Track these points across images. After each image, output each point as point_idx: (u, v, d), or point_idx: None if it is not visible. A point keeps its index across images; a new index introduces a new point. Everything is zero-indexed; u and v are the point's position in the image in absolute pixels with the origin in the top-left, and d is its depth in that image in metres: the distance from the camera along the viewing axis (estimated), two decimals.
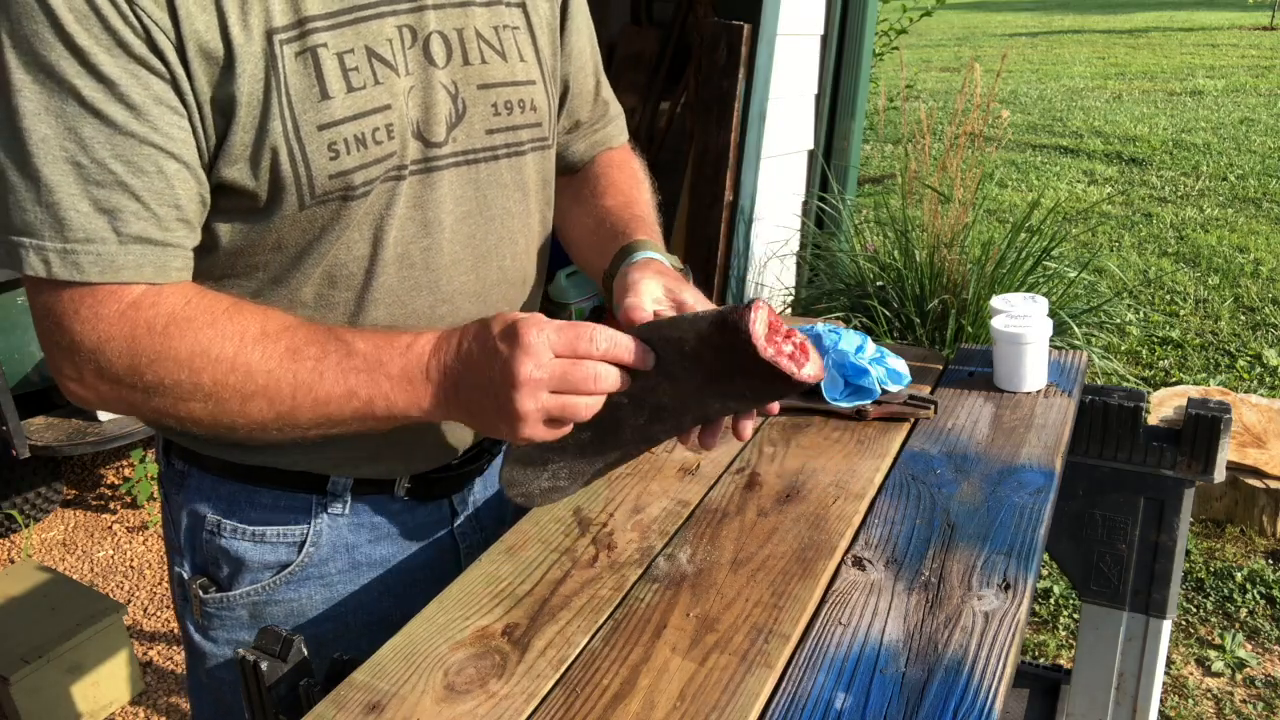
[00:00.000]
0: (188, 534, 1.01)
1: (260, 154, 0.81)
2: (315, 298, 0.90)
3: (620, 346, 0.80)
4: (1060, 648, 2.51)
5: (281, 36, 0.80)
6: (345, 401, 0.82)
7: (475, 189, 0.95)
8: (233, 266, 0.89)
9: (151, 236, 0.79)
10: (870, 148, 8.09)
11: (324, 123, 0.82)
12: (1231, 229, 5.90)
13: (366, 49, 0.85)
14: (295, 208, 0.84)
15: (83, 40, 0.74)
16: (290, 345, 0.81)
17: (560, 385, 0.78)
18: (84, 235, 0.77)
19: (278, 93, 0.80)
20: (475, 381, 0.80)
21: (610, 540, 0.96)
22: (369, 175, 0.85)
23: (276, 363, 0.81)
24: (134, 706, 2.40)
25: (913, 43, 13.03)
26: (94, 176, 0.76)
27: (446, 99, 0.90)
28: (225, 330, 0.81)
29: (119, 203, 0.77)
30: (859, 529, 0.97)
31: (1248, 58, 12.52)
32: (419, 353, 0.82)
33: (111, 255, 0.78)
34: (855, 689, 0.76)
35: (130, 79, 0.76)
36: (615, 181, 1.13)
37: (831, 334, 1.19)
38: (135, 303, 0.80)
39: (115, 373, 0.80)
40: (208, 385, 0.80)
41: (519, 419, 0.78)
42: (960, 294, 3.32)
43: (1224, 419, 1.25)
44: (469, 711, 0.74)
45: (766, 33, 3.55)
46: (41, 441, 2.71)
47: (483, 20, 0.94)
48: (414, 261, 0.92)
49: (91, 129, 0.75)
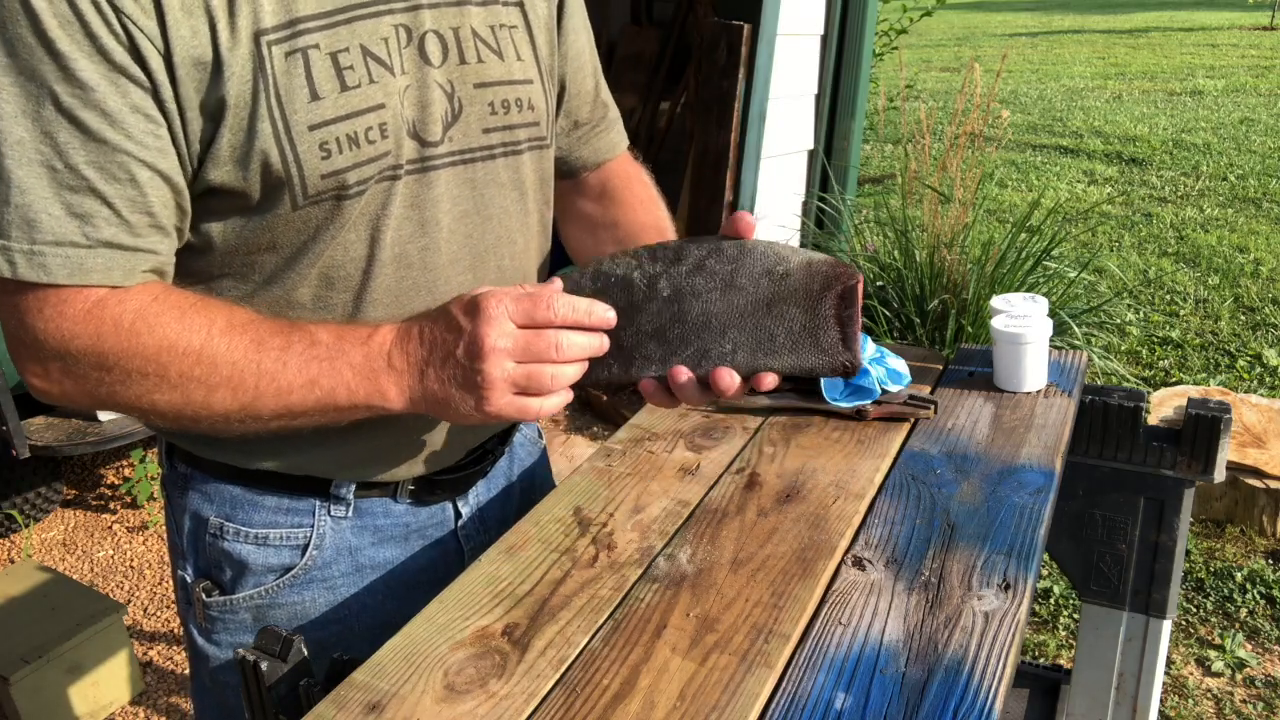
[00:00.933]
0: (190, 537, 1.01)
1: (250, 155, 0.81)
2: (313, 299, 0.90)
3: (579, 310, 0.82)
4: (1060, 648, 2.51)
5: (270, 38, 0.80)
6: (307, 391, 0.82)
7: (472, 188, 0.95)
8: (228, 266, 0.88)
9: (122, 242, 0.80)
10: (870, 148, 8.09)
11: (315, 123, 0.82)
12: (1231, 229, 5.90)
13: (362, 48, 0.84)
14: (289, 208, 0.84)
15: (63, 45, 0.74)
16: (255, 337, 0.83)
17: (524, 355, 0.80)
18: (54, 238, 0.77)
19: (266, 94, 0.80)
20: (441, 359, 0.81)
21: (610, 540, 0.96)
22: (363, 175, 0.85)
23: (241, 354, 0.82)
24: (134, 706, 2.40)
25: (913, 43, 13.03)
26: (67, 181, 0.77)
27: (442, 98, 0.90)
28: (192, 323, 0.82)
29: (91, 208, 0.78)
30: (859, 529, 0.97)
31: (1248, 58, 12.53)
32: (380, 342, 0.83)
33: (80, 259, 0.78)
34: (855, 689, 0.76)
35: (108, 86, 0.76)
36: (637, 201, 1.15)
37: None
38: (101, 300, 0.80)
39: (81, 369, 0.81)
40: (174, 377, 0.81)
41: (488, 387, 0.80)
42: (960, 294, 3.33)
43: (1224, 419, 1.25)
44: (469, 711, 0.74)
45: (766, 33, 3.55)
46: (41, 441, 2.71)
47: (479, 19, 0.93)
48: (411, 262, 0.92)
49: (66, 134, 0.76)
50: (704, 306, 0.85)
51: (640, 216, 1.14)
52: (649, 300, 0.86)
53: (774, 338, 0.84)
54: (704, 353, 0.85)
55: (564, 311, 0.81)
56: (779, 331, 0.84)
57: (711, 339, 0.85)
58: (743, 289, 0.85)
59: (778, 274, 0.85)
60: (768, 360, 0.84)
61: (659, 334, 0.86)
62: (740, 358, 0.84)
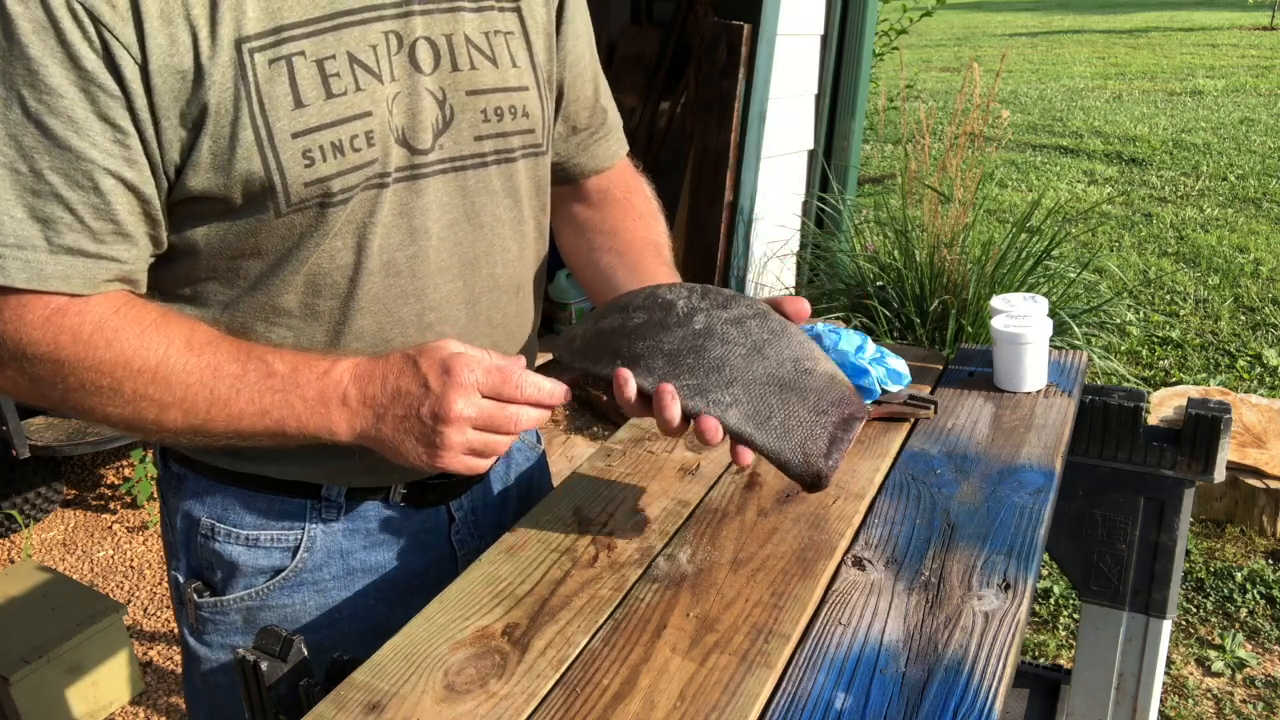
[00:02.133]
0: (183, 537, 1.01)
1: (232, 163, 0.81)
2: (300, 305, 0.89)
3: (543, 392, 0.86)
4: (1060, 648, 2.51)
5: (253, 45, 0.80)
6: (258, 419, 0.84)
7: (463, 196, 0.94)
8: (212, 271, 0.88)
9: (84, 248, 0.79)
10: (870, 148, 8.09)
11: (298, 130, 0.82)
12: (1231, 229, 5.90)
13: (349, 55, 0.84)
14: (272, 215, 0.84)
15: (35, 50, 0.74)
16: (212, 361, 0.83)
17: (485, 425, 0.84)
18: (15, 241, 0.77)
19: (248, 102, 0.80)
20: (403, 412, 0.83)
21: (610, 540, 0.96)
22: (347, 183, 0.85)
23: (196, 377, 0.83)
24: (134, 706, 2.40)
25: (913, 43, 13.03)
26: (30, 185, 0.76)
27: (433, 105, 0.90)
28: (150, 341, 0.82)
29: (53, 213, 0.78)
30: (859, 529, 0.97)
31: (1248, 58, 12.52)
32: (336, 379, 0.84)
33: (41, 264, 0.78)
34: (855, 689, 0.76)
35: (77, 94, 0.76)
36: (636, 214, 1.16)
37: (831, 334, 1.19)
38: (61, 309, 0.80)
39: (36, 374, 0.81)
40: (127, 393, 0.82)
41: (444, 448, 0.83)
42: (960, 294, 3.33)
43: (1224, 419, 1.25)
44: (469, 711, 0.74)
45: (766, 33, 3.55)
46: (41, 441, 2.71)
47: (473, 26, 0.93)
48: (400, 270, 0.91)
49: (32, 139, 0.76)
50: (725, 353, 0.87)
51: (640, 232, 1.13)
52: (680, 325, 0.88)
53: (770, 416, 0.86)
54: (702, 391, 0.86)
55: (529, 391, 0.85)
56: (777, 413, 0.86)
57: (715, 383, 0.86)
58: (767, 359, 0.87)
59: (804, 367, 0.88)
60: (754, 431, 0.85)
61: (673, 355, 0.87)
62: (732, 415, 0.85)
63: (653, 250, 1.11)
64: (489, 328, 1.00)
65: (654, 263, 1.09)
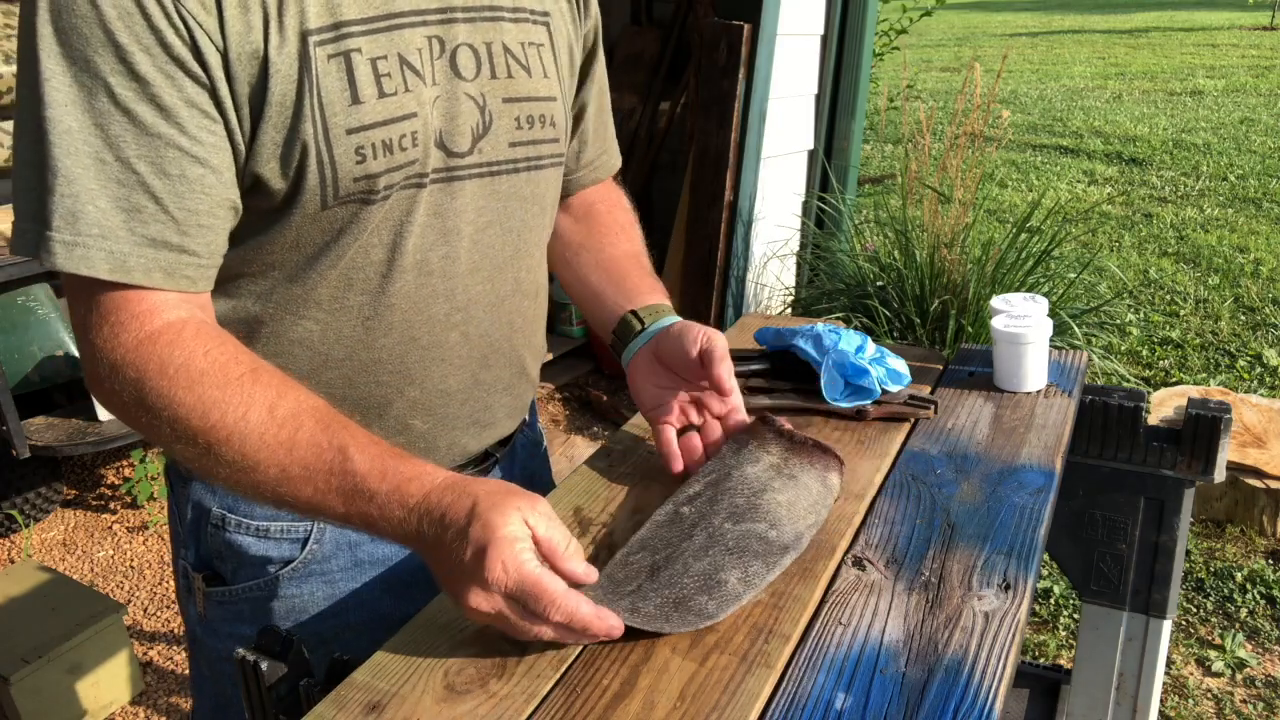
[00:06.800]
0: (192, 526, 1.02)
1: (290, 154, 0.81)
2: (330, 299, 0.90)
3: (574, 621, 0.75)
4: (1060, 648, 2.51)
5: (316, 39, 0.81)
6: (318, 509, 0.81)
7: (497, 200, 0.96)
8: (250, 262, 0.89)
9: (167, 240, 0.79)
10: (870, 148, 8.09)
11: (353, 126, 0.83)
12: (1231, 229, 5.90)
13: (399, 56, 0.85)
14: (317, 207, 0.85)
15: (122, 37, 0.74)
16: (290, 440, 0.80)
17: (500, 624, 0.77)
18: (98, 231, 0.76)
19: (310, 94, 0.80)
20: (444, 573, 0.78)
21: (610, 540, 0.96)
22: (391, 180, 0.86)
23: (268, 454, 0.79)
24: (134, 706, 2.40)
25: (913, 43, 13.03)
26: (116, 174, 0.76)
27: (474, 110, 0.91)
28: (233, 399, 0.79)
29: (139, 202, 0.77)
30: (859, 529, 0.97)
31: (1248, 58, 12.53)
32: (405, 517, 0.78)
33: (124, 254, 0.78)
34: (855, 689, 0.76)
35: (165, 80, 0.76)
36: (619, 228, 1.20)
37: (831, 334, 1.19)
38: (153, 336, 0.80)
39: (123, 399, 0.81)
40: (201, 444, 0.80)
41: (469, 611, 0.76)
42: (960, 294, 3.32)
43: (1224, 419, 1.25)
44: (469, 711, 0.74)
45: (766, 33, 3.55)
46: (41, 441, 2.71)
47: (512, 35, 0.95)
48: (432, 269, 0.93)
49: (119, 127, 0.75)
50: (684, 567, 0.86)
51: (624, 245, 1.18)
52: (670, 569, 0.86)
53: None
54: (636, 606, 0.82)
55: (557, 618, 0.75)
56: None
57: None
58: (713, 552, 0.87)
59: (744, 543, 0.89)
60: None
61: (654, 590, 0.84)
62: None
63: (635, 263, 1.16)
64: (509, 330, 1.03)
65: (638, 275, 1.14)
